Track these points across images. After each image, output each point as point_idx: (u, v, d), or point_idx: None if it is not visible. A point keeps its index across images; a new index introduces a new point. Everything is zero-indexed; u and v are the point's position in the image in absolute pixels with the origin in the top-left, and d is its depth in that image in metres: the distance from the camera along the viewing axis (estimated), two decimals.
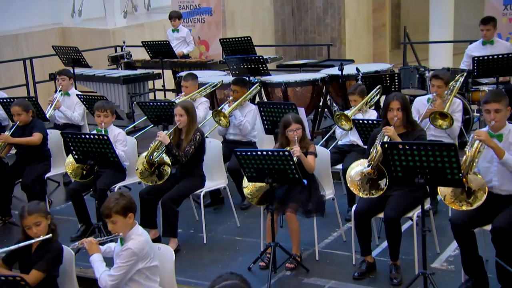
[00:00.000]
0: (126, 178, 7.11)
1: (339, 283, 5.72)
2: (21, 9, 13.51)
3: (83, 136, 6.42)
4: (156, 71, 10.83)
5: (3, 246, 6.83)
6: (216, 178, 7.05)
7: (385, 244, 6.24)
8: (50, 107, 8.35)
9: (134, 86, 9.88)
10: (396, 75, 8.42)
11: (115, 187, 6.96)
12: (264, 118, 7.36)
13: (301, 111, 7.21)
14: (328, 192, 6.37)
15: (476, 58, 8.03)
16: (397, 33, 22.60)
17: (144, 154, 6.73)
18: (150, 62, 10.97)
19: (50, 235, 4.81)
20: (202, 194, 6.88)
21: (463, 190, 5.29)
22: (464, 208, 5.29)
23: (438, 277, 5.38)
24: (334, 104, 9.80)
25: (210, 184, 6.98)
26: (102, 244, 4.88)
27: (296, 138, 6.05)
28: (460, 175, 4.85)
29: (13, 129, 7.26)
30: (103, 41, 12.91)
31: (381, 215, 5.80)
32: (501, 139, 5.17)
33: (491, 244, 5.31)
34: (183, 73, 9.90)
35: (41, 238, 4.73)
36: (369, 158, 5.75)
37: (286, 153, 5.57)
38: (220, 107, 7.69)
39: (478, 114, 8.51)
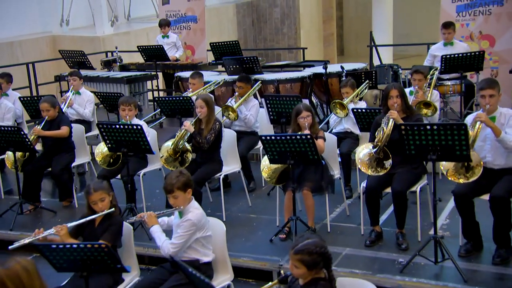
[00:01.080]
0: (148, 165, 7.05)
1: (353, 250, 5.79)
2: (13, 19, 13.19)
3: (117, 126, 6.29)
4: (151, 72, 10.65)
5: (35, 229, 6.78)
6: (230, 163, 7.02)
7: (384, 216, 6.45)
8: (64, 105, 8.19)
9: (135, 86, 9.76)
10: (373, 72, 8.59)
11: (140, 172, 6.93)
12: (270, 109, 7.31)
13: (305, 102, 7.18)
14: (336, 172, 6.45)
15: (443, 57, 8.15)
16: (341, 42, 22.89)
17: (169, 143, 6.70)
18: (143, 64, 10.82)
19: (113, 209, 4.82)
20: (221, 177, 6.88)
21: (463, 165, 5.44)
22: (461, 181, 5.44)
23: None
24: (313, 99, 9.87)
25: (226, 169, 6.94)
26: (159, 217, 4.84)
27: (306, 124, 6.11)
28: (468, 151, 5.02)
29: (42, 124, 7.11)
30: (94, 47, 12.66)
31: (388, 189, 5.89)
32: (494, 121, 5.31)
33: (485, 211, 5.53)
34: (181, 73, 9.91)
35: (105, 212, 4.73)
36: (376, 140, 5.83)
37: (308, 136, 5.62)
38: (228, 103, 7.62)
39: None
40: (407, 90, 7.36)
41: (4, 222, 6.99)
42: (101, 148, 6.84)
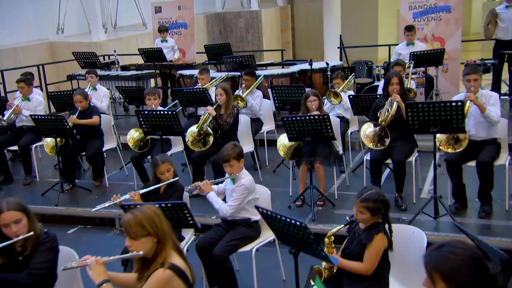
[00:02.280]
0: (172, 148, 7.11)
1: None
2: (12, 27, 12.86)
3: (154, 112, 6.34)
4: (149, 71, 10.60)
5: (75, 205, 6.79)
6: (245, 144, 7.00)
7: None
8: None
9: (142, 83, 9.74)
10: (353, 67, 8.88)
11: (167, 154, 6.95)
12: (275, 97, 7.43)
13: (306, 90, 7.33)
14: (339, 148, 6.64)
15: (412, 53, 8.36)
16: (294, 49, 23.12)
17: (193, 128, 6.76)
18: (142, 65, 10.77)
19: (177, 178, 4.90)
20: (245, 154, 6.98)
21: (452, 138, 5.73)
22: (449, 151, 5.72)
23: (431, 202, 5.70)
24: None
25: (245, 149, 6.99)
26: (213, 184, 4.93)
27: (314, 107, 6.30)
28: (464, 124, 5.33)
29: (77, 113, 7.08)
30: (91, 51, 12.48)
31: (389, 160, 6.16)
32: None
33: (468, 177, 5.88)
34: (183, 71, 9.93)
35: (171, 180, 4.80)
36: (380, 120, 6.02)
37: (326, 116, 5.82)
38: (236, 93, 7.64)
39: None
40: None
41: (46, 200, 6.96)
42: (132, 134, 6.90)
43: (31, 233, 3.49)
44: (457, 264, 2.29)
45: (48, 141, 7.16)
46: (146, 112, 6.38)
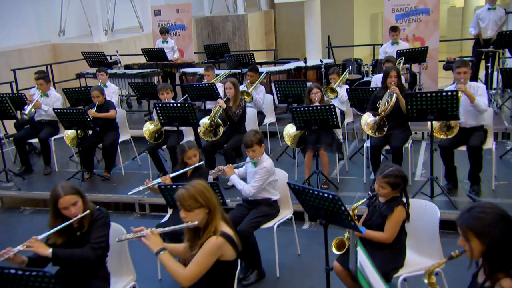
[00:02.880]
0: (184, 138, 7.18)
1: (363, 193, 6.09)
2: (15, 29, 12.78)
3: (171, 104, 6.42)
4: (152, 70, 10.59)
5: (96, 191, 6.85)
6: None
7: None
8: None
9: (146, 80, 9.77)
10: (343, 65, 9.06)
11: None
12: (277, 92, 7.54)
13: (309, 84, 7.49)
14: (340, 136, 6.77)
15: (399, 51, 8.58)
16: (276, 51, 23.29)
17: (205, 119, 6.86)
18: (144, 64, 10.79)
19: (202, 162, 5.00)
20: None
21: (445, 125, 5.96)
22: (442, 137, 5.92)
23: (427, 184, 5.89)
24: None
25: None
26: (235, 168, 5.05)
27: (316, 99, 6.45)
28: (458, 112, 5.55)
29: (95, 108, 7.11)
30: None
31: (387, 147, 6.33)
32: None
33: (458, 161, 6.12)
34: (185, 69, 10.01)
35: (197, 164, 4.89)
36: (380, 110, 6.18)
37: (332, 106, 5.98)
38: (242, 89, 7.66)
39: None
40: (379, 76, 7.90)
41: None
42: (147, 127, 6.98)
43: (87, 212, 3.60)
44: (487, 221, 2.47)
45: (69, 133, 7.19)
46: (162, 104, 6.44)
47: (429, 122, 5.78)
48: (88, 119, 6.75)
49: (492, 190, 6.04)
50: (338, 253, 4.03)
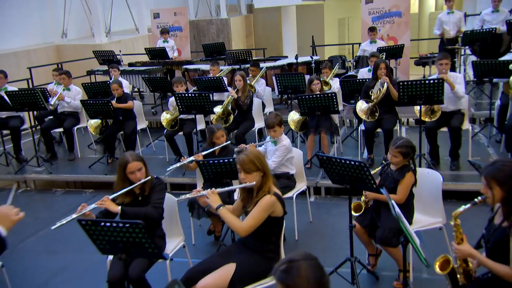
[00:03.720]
0: (196, 126, 7.38)
1: None
2: (22, 32, 12.71)
3: (189, 95, 6.60)
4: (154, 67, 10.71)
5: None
6: (258, 121, 7.43)
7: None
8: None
9: (150, 76, 9.88)
10: (330, 61, 9.39)
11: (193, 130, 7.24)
12: (278, 84, 7.74)
13: (310, 76, 7.76)
14: (337, 121, 7.09)
15: (379, 48, 8.91)
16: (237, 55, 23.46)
17: (217, 109, 7.08)
18: (147, 62, 10.88)
19: (229, 142, 5.19)
20: (256, 130, 7.37)
21: (429, 109, 6.37)
22: (426, 119, 6.31)
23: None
24: None
25: (257, 125, 7.37)
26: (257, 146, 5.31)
27: (317, 89, 6.75)
28: (443, 97, 5.93)
29: (115, 99, 7.25)
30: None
31: (379, 129, 6.71)
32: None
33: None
34: (188, 66, 10.18)
35: (224, 144, 5.08)
36: (373, 97, 6.49)
37: (333, 94, 6.30)
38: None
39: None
40: (366, 69, 8.28)
41: (93, 171, 7.20)
42: (165, 116, 7.15)
43: (149, 177, 3.85)
44: (509, 172, 2.84)
45: (92, 123, 7.33)
46: (181, 94, 6.62)
47: (417, 107, 6.17)
48: (112, 109, 6.91)
49: (469, 165, 6.45)
50: (356, 214, 4.37)
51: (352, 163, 3.87)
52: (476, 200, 2.94)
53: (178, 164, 4.96)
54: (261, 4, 17.29)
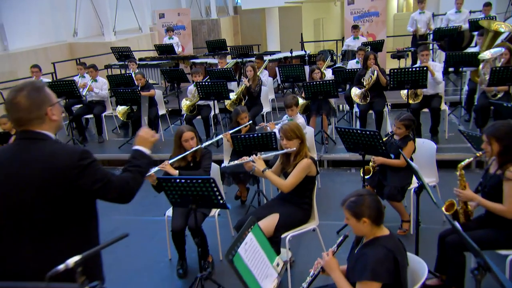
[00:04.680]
0: (211, 111, 7.69)
1: None
2: (36, 31, 12.73)
3: (207, 83, 6.92)
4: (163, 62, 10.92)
5: None
6: (265, 106, 7.77)
7: None
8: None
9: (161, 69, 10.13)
10: (321, 54, 9.78)
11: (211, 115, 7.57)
12: (281, 74, 8.09)
13: (306, 68, 8.20)
14: (335, 105, 7.52)
15: (362, 43, 9.45)
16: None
17: (232, 96, 7.42)
18: (155, 57, 11.12)
19: (251, 121, 5.54)
20: (265, 114, 7.73)
21: (413, 93, 6.85)
22: (411, 101, 6.81)
23: None
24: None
25: (264, 109, 7.72)
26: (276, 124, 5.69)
27: (318, 77, 7.14)
28: (426, 82, 6.41)
29: (139, 88, 7.52)
30: (106, 50, 12.55)
31: (371, 111, 7.15)
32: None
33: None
34: (195, 60, 10.46)
35: (247, 123, 5.43)
36: (365, 83, 6.97)
37: (333, 81, 6.68)
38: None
39: None
40: (353, 61, 8.72)
41: (122, 150, 7.48)
42: (185, 102, 7.46)
43: (199, 146, 4.23)
44: (505, 130, 3.29)
45: (120, 109, 7.60)
46: (202, 83, 6.93)
47: (403, 91, 6.67)
48: (139, 96, 7.20)
49: (445, 139, 6.98)
50: (366, 177, 4.83)
51: (368, 132, 4.32)
52: (476, 154, 3.42)
53: (219, 137, 5.32)
54: (248, 6, 17.55)
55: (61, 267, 1.72)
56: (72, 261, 1.72)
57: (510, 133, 3.27)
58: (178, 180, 3.49)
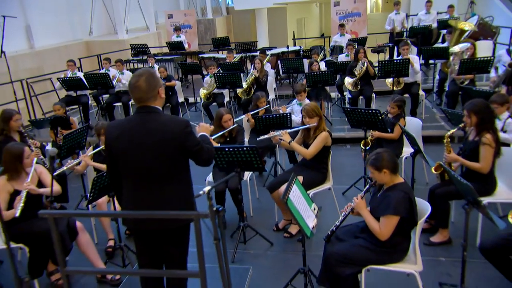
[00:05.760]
0: (224, 98, 8.13)
1: (347, 125, 7.51)
2: (55, 31, 12.89)
3: (225, 74, 7.31)
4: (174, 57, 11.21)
5: None
6: (271, 94, 8.18)
7: None
8: None
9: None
10: (313, 49, 10.29)
11: (225, 101, 8.01)
12: (282, 66, 8.45)
13: (305, 61, 8.60)
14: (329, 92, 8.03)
15: (349, 39, 9.96)
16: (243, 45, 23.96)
17: (244, 85, 7.84)
18: (166, 53, 11.44)
19: (268, 105, 5.93)
20: (270, 100, 8.20)
21: (397, 81, 7.42)
22: (395, 88, 7.33)
23: None
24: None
25: (270, 97, 8.18)
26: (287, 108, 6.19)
27: (316, 68, 7.63)
28: (408, 71, 6.98)
29: (162, 79, 7.91)
30: (120, 46, 12.85)
31: (361, 97, 7.67)
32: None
33: None
34: (204, 55, 10.82)
35: (265, 106, 5.80)
36: (356, 73, 7.50)
37: (331, 71, 7.18)
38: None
39: None
40: (343, 55, 9.19)
41: None
42: (202, 91, 7.89)
43: (236, 125, 4.72)
44: (481, 106, 3.87)
45: None
46: (218, 73, 7.34)
47: (389, 80, 7.25)
48: (164, 86, 7.58)
49: (422, 119, 7.55)
50: (367, 148, 5.37)
51: (370, 111, 4.86)
52: (460, 125, 4.00)
53: (243, 116, 5.77)
54: (240, 7, 17.88)
55: (201, 193, 2.21)
56: (206, 189, 2.21)
57: (485, 108, 3.86)
58: (227, 149, 3.99)
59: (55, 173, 4.01)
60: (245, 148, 3.95)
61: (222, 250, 2.14)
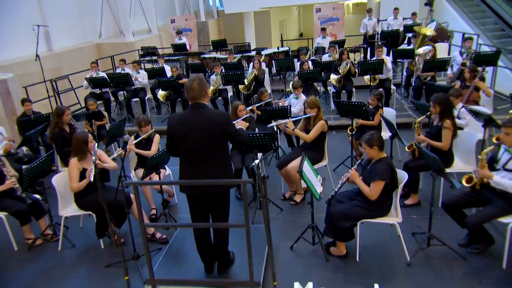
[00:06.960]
0: (227, 93, 8.63)
1: (334, 115, 8.13)
2: (69, 35, 13.10)
3: (230, 72, 7.82)
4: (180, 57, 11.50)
5: None
6: (268, 89, 8.75)
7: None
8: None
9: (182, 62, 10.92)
10: (300, 50, 10.87)
11: (229, 96, 8.57)
12: (276, 65, 8.91)
13: (295, 60, 9.17)
14: (319, 87, 8.67)
15: (330, 41, 10.63)
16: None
17: (245, 82, 8.37)
18: (171, 54, 11.78)
19: (271, 99, 6.55)
20: (269, 91, 8.74)
21: (373, 78, 8.11)
22: (371, 84, 7.98)
23: None
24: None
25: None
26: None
27: (306, 67, 8.15)
28: (382, 69, 7.67)
29: (175, 78, 8.30)
30: (128, 48, 13.17)
31: (343, 91, 8.34)
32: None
33: None
34: (205, 55, 11.27)
35: (268, 100, 6.39)
36: (340, 71, 8.10)
37: (320, 69, 7.84)
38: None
39: None
40: (326, 55, 9.78)
41: (164, 124, 8.24)
42: (209, 88, 8.44)
43: (248, 114, 5.33)
44: (442, 98, 4.57)
45: (161, 93, 8.47)
46: (226, 72, 7.84)
47: (367, 76, 7.90)
48: (178, 84, 8.11)
49: (395, 109, 8.30)
50: (352, 133, 6.05)
51: (356, 103, 5.52)
52: (428, 113, 4.71)
53: (252, 107, 6.34)
54: (230, 10, 18.26)
55: (253, 164, 2.85)
56: (257, 161, 2.85)
57: (446, 100, 4.57)
58: (249, 135, 4.60)
59: (110, 157, 4.54)
60: (262, 134, 4.57)
61: (265, 204, 2.78)
